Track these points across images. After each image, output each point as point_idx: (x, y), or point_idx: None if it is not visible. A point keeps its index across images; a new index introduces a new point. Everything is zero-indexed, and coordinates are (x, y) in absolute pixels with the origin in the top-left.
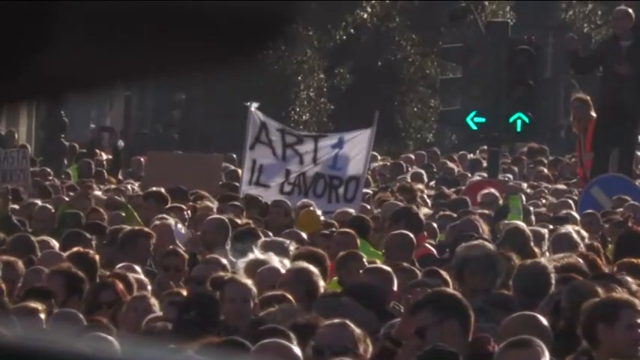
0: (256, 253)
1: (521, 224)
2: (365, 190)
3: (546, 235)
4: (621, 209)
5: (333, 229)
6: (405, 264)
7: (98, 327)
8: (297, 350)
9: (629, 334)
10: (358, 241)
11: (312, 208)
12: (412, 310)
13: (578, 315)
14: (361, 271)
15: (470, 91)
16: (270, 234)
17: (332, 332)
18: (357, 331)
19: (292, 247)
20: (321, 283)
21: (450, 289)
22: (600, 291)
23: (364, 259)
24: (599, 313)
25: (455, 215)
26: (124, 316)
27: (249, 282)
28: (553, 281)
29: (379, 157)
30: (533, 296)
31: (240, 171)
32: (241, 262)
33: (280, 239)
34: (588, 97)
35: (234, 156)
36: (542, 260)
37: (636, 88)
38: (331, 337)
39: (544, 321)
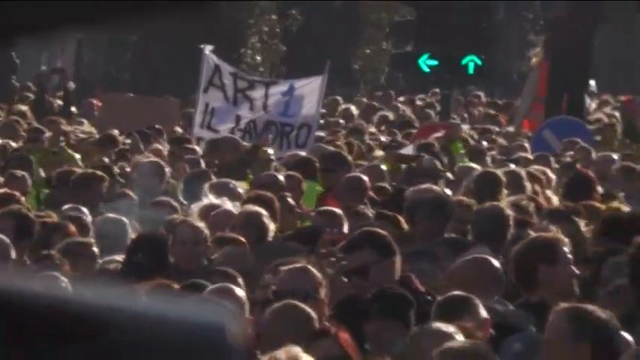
0: (210, 198)
1: (474, 166)
2: (319, 134)
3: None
4: (571, 152)
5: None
6: (358, 207)
7: (49, 265)
8: (241, 293)
9: (568, 271)
10: (304, 184)
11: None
12: (350, 247)
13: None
14: (313, 214)
15: (422, 34)
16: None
17: (293, 277)
18: (318, 275)
19: (240, 189)
20: (272, 227)
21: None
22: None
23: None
24: (538, 254)
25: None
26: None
27: (201, 225)
28: (511, 223)
29: (341, 101)
30: (492, 239)
31: None
32: (195, 206)
33: (227, 180)
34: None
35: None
36: (500, 203)
37: (585, 30)
38: (292, 281)
39: (496, 263)
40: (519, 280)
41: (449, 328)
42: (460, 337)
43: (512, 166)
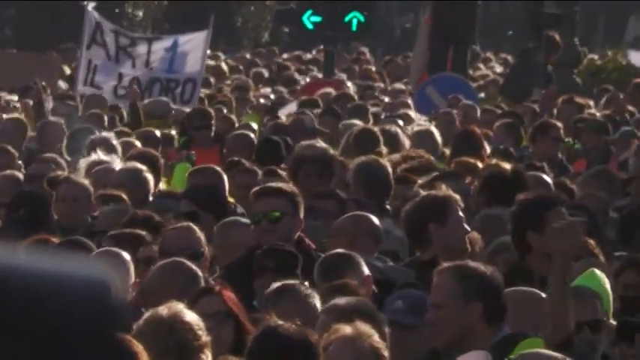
0: (99, 154)
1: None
2: (204, 91)
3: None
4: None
5: None
6: (245, 164)
7: None
8: (127, 256)
9: (459, 229)
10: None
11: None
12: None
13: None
14: (187, 175)
15: None
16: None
17: (178, 235)
18: (202, 235)
19: (116, 142)
20: (152, 184)
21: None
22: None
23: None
24: (429, 213)
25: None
26: None
27: (85, 182)
28: (391, 182)
29: (222, 57)
30: (373, 195)
31: None
32: (83, 162)
33: (107, 135)
34: None
35: None
36: (380, 159)
37: None
38: (177, 240)
39: (375, 221)
40: (411, 238)
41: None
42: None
43: (393, 125)
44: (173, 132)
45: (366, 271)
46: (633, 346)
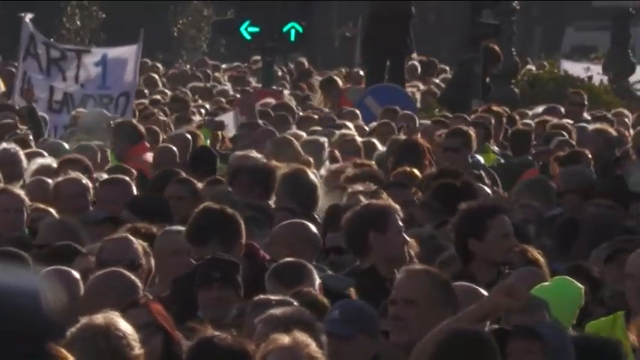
0: (48, 159)
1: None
2: (141, 101)
3: (326, 144)
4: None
5: None
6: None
7: None
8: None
9: (399, 238)
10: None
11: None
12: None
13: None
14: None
15: (243, 1)
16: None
17: (116, 246)
18: (140, 244)
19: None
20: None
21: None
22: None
23: None
24: (369, 221)
25: None
26: None
27: (21, 193)
28: (318, 192)
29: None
30: (301, 205)
31: None
32: (33, 164)
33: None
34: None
35: None
36: (306, 168)
37: None
38: (115, 250)
39: (313, 229)
40: (351, 246)
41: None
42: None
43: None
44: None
45: (318, 279)
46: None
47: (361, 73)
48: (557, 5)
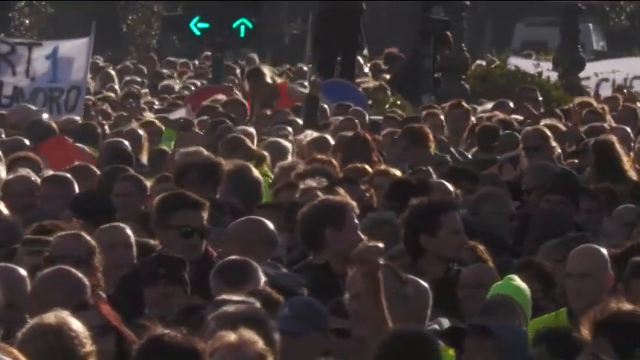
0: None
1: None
2: (88, 97)
3: (290, 147)
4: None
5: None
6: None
7: None
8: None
9: (355, 236)
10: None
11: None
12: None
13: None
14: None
15: None
16: None
17: (66, 242)
18: (92, 241)
19: None
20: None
21: None
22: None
23: None
24: (325, 217)
25: None
26: None
27: None
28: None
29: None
30: (246, 201)
31: None
32: None
33: None
34: None
35: None
36: (250, 165)
37: None
38: (65, 247)
39: (270, 225)
40: (305, 241)
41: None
42: None
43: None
44: None
45: (263, 277)
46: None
47: (305, 68)
48: (507, 1)
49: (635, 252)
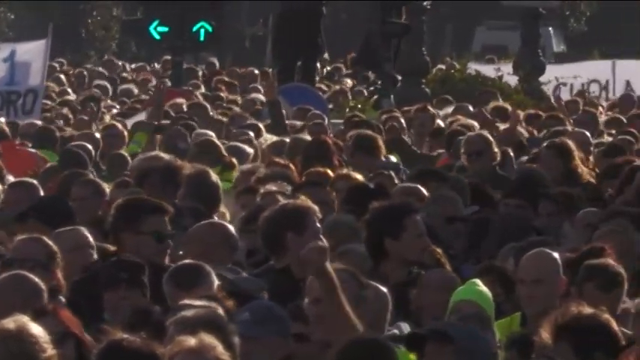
0: None
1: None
2: (45, 102)
3: (251, 153)
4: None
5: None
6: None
7: None
8: None
9: (317, 239)
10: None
11: None
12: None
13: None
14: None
15: (152, 1)
16: None
17: (26, 245)
18: (52, 245)
19: None
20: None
21: None
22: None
23: None
24: (287, 222)
25: None
26: None
27: None
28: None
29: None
30: (205, 205)
31: None
32: None
33: None
34: None
35: None
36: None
37: None
38: (25, 250)
39: (231, 229)
40: (266, 245)
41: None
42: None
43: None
44: None
45: (216, 281)
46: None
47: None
48: (467, 5)
49: (591, 256)
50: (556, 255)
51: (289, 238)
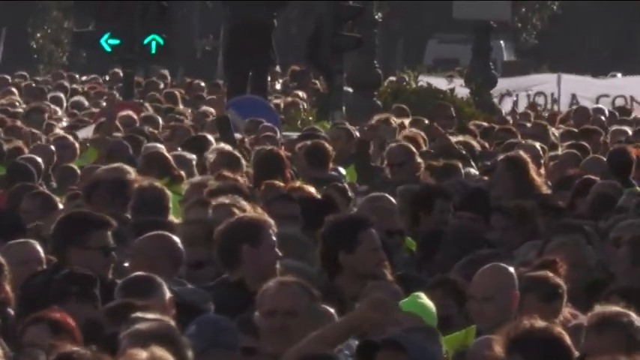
0: None
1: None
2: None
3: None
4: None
5: None
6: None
7: None
8: None
9: (272, 253)
10: None
11: None
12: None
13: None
14: None
15: (104, 13)
16: None
17: None
18: (1, 258)
19: None
20: None
21: None
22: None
23: None
24: (242, 234)
25: None
26: None
27: None
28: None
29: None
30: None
31: None
32: None
33: None
34: None
35: None
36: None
37: (267, 8)
38: None
39: (177, 242)
40: (221, 257)
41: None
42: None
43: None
44: None
45: (168, 293)
46: None
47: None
48: (418, 18)
49: (543, 269)
50: (511, 270)
51: (245, 250)
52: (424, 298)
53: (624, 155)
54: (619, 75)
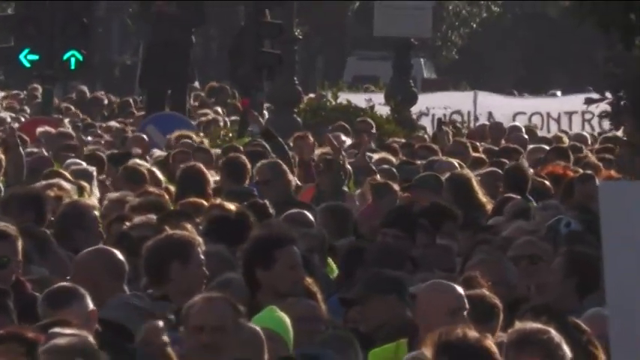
0: None
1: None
2: None
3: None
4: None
5: None
6: None
7: None
8: None
9: (200, 271)
10: None
11: None
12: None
13: None
14: None
15: (23, 29)
16: None
17: None
18: None
19: None
20: None
21: None
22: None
23: None
24: (172, 251)
25: None
26: None
27: None
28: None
29: None
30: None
31: None
32: None
33: None
34: None
35: None
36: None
37: (186, 26)
38: None
39: (119, 256)
40: (149, 274)
41: None
42: None
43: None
44: None
45: (91, 305)
46: None
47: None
48: (338, 35)
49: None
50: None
51: (173, 267)
52: (277, 311)
53: (520, 171)
54: (559, 93)
